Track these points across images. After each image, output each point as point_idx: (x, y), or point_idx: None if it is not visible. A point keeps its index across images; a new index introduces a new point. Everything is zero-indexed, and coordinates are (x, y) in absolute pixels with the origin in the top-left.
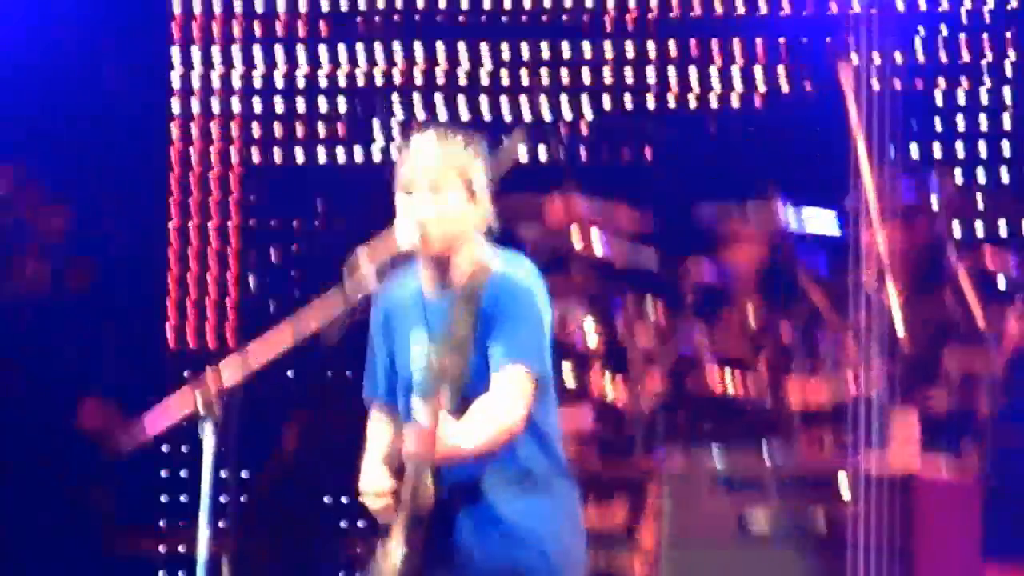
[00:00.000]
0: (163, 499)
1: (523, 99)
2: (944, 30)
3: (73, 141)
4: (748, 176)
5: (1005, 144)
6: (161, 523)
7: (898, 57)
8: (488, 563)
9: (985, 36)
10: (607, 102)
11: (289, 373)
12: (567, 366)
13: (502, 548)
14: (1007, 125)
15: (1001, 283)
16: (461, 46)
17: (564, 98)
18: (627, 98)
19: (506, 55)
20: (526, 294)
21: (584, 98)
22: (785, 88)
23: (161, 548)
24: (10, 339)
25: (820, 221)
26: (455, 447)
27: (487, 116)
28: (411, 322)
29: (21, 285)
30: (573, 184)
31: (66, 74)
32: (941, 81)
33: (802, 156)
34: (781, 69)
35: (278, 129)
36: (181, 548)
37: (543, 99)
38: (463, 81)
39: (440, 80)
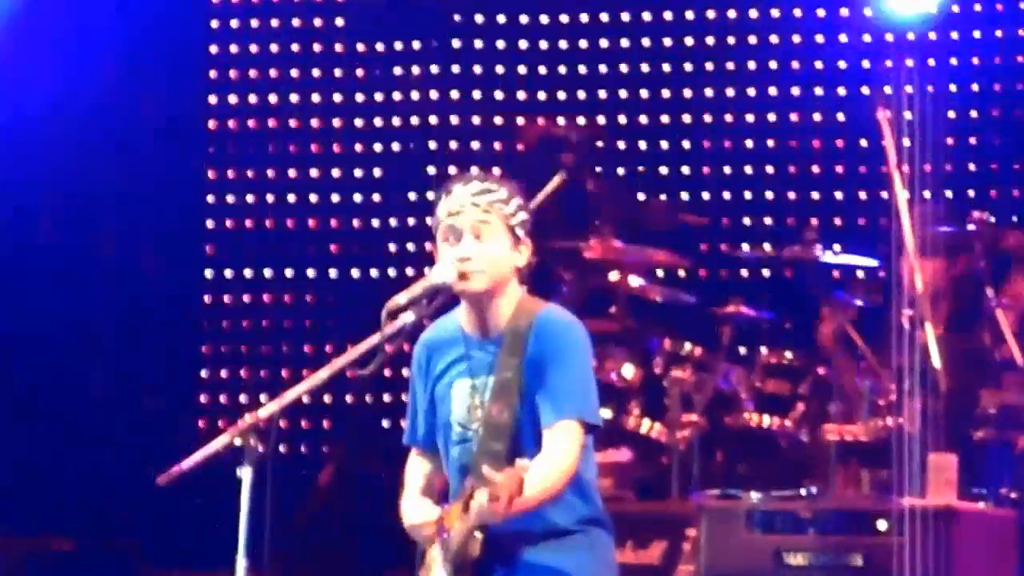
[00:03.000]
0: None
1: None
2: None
3: None
4: (787, 219)
5: None
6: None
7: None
8: None
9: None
10: (643, 144)
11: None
12: (605, 406)
13: None
14: None
15: None
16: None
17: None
18: (664, 144)
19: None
20: (572, 336)
21: (619, 143)
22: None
23: None
24: None
25: (857, 259)
26: (520, 503)
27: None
28: (453, 364)
29: None
30: (610, 226)
31: None
32: (975, 116)
33: (842, 199)
34: (817, 116)
35: None
36: None
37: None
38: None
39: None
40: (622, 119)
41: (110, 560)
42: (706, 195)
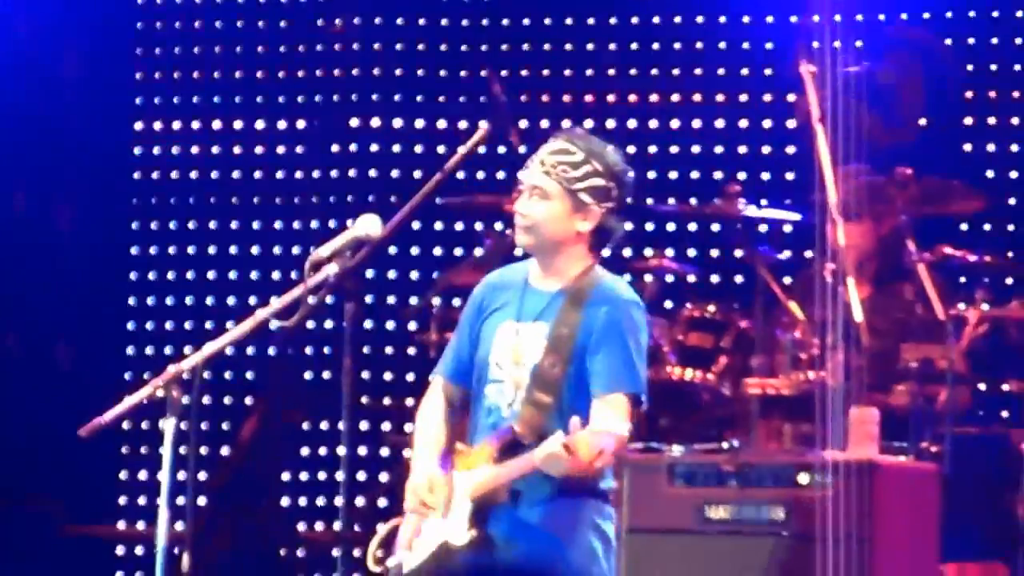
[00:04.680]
0: (123, 485)
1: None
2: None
3: None
4: (711, 174)
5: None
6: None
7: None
8: (519, 554)
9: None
10: (567, 98)
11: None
12: None
13: (534, 544)
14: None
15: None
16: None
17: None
18: (588, 97)
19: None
20: (632, 310)
21: (543, 96)
22: (745, 96)
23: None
24: None
25: (781, 213)
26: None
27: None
28: (504, 306)
29: None
30: None
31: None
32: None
33: (767, 155)
34: (745, 71)
35: None
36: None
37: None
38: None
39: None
40: (545, 72)
41: (31, 514)
42: (631, 149)
